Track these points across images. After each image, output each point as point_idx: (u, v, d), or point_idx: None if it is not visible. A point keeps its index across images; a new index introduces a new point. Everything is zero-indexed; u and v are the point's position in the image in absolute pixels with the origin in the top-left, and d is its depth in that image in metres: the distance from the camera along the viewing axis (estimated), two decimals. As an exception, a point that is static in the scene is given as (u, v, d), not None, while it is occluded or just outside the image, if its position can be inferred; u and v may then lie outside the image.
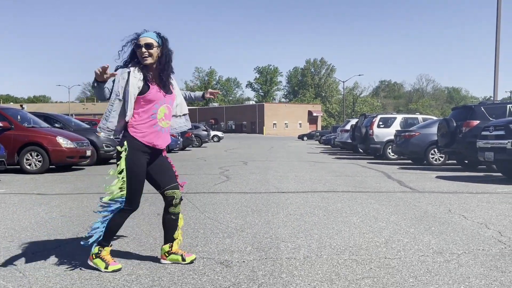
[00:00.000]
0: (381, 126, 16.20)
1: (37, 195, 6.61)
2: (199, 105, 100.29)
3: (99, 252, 3.05)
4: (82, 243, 3.11)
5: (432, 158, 13.00)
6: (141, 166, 3.05)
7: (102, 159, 13.01)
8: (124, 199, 3.05)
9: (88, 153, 11.15)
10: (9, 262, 3.24)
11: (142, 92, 3.00)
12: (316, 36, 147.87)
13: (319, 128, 78.61)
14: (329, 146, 29.94)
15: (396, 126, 16.05)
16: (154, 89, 3.04)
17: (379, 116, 16.80)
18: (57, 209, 5.42)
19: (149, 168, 3.15)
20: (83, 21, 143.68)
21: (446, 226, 4.46)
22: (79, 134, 11.88)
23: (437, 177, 9.51)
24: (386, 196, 6.62)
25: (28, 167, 9.98)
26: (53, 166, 10.60)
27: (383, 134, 15.88)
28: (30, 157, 10.01)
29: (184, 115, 3.39)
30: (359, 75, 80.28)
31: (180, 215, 3.33)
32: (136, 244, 3.77)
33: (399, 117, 16.75)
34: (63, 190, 7.25)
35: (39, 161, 10.01)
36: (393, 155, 15.47)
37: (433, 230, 4.31)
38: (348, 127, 21.19)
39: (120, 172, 3.04)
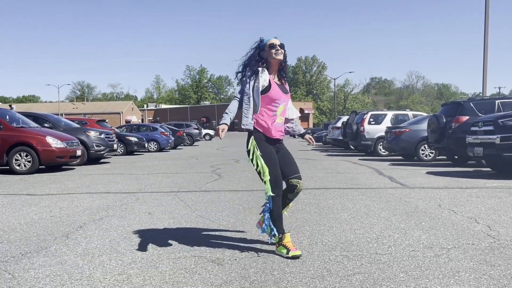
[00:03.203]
0: (372, 122, 16.28)
1: (26, 196, 6.55)
2: (191, 103, 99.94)
3: (280, 240, 3.38)
4: (269, 240, 3.58)
5: (423, 154, 13.10)
6: (272, 153, 3.46)
7: (92, 159, 12.93)
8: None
9: (78, 152, 11.07)
10: (-2, 263, 3.21)
11: (265, 90, 3.41)
12: (307, 33, 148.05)
13: (311, 126, 78.74)
14: (321, 143, 30.01)
15: (386, 122, 16.13)
16: (275, 89, 3.46)
17: (370, 113, 16.86)
18: (47, 210, 5.38)
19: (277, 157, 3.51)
20: (72, 20, 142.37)
21: (436, 221, 4.50)
22: (69, 133, 11.79)
23: (428, 172, 9.58)
24: (377, 192, 6.65)
25: (18, 167, 9.87)
26: (43, 167, 10.50)
27: (374, 130, 15.96)
28: (20, 158, 9.90)
29: (292, 119, 3.72)
30: (350, 72, 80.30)
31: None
32: (127, 243, 3.75)
33: (390, 114, 16.83)
34: (53, 190, 7.19)
35: (29, 162, 9.91)
36: (384, 152, 15.56)
37: (423, 225, 4.34)
38: (339, 124, 21.24)
39: (257, 165, 3.40)
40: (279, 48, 3.47)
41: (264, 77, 3.42)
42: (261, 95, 3.41)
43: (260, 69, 3.43)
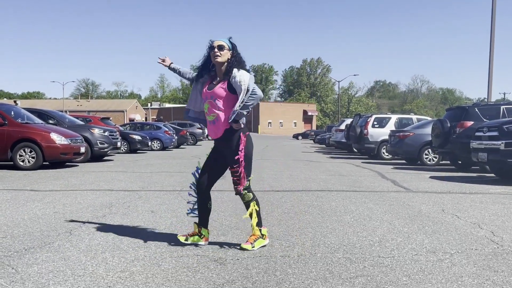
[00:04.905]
0: (375, 126, 16.25)
1: (30, 192, 6.57)
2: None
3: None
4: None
5: (426, 158, 13.06)
6: (211, 152, 3.67)
7: (96, 156, 12.96)
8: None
9: (82, 149, 11.10)
10: (2, 258, 3.22)
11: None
12: (311, 35, 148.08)
13: (314, 128, 78.74)
14: (324, 146, 29.99)
15: (390, 126, 16.09)
16: (204, 88, 3.54)
17: (373, 116, 16.83)
18: (50, 206, 5.39)
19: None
20: (78, 17, 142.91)
21: (440, 226, 4.49)
22: (73, 130, 11.83)
23: (431, 177, 9.55)
24: (380, 195, 6.64)
25: (22, 163, 9.91)
26: (47, 163, 10.53)
27: (377, 134, 15.93)
28: (24, 153, 9.94)
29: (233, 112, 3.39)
30: (354, 75, 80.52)
31: (250, 209, 3.56)
32: (130, 241, 3.75)
33: (394, 117, 16.80)
34: (57, 186, 7.21)
35: (33, 158, 9.94)
36: (387, 155, 15.52)
37: (426, 229, 4.33)
38: (342, 126, 21.21)
39: None
40: (217, 50, 3.43)
41: (202, 80, 3.60)
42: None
43: (198, 74, 3.62)
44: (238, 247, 3.55)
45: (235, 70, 3.40)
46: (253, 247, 3.49)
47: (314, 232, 4.15)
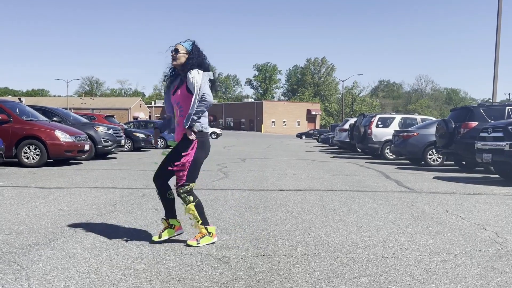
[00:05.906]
0: (379, 126, 16.21)
1: (34, 189, 6.60)
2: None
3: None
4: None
5: (430, 158, 13.02)
6: (171, 150, 3.70)
7: (100, 154, 13.00)
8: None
9: (86, 147, 11.13)
10: (7, 254, 3.24)
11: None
12: (315, 34, 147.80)
13: (318, 127, 78.58)
14: (327, 145, 29.96)
15: (394, 126, 16.06)
16: (172, 92, 3.63)
17: (378, 116, 16.79)
18: (55, 203, 5.42)
19: None
20: (82, 14, 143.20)
21: (443, 227, 4.48)
22: (78, 128, 11.87)
23: (435, 177, 9.53)
24: (384, 195, 6.63)
25: (26, 160, 9.95)
26: (51, 160, 10.57)
27: (381, 134, 15.90)
28: (28, 151, 9.98)
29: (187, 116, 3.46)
30: (359, 74, 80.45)
31: (187, 211, 3.59)
32: (134, 238, 3.77)
33: (398, 117, 16.75)
34: (61, 184, 7.24)
35: (37, 155, 9.98)
36: (391, 155, 15.49)
37: (430, 230, 4.33)
38: (346, 126, 21.18)
39: None
40: (173, 54, 3.55)
41: (175, 83, 3.64)
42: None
43: (168, 75, 3.70)
44: (184, 244, 3.58)
45: (188, 72, 3.47)
46: (198, 243, 3.55)
47: (317, 232, 4.15)
